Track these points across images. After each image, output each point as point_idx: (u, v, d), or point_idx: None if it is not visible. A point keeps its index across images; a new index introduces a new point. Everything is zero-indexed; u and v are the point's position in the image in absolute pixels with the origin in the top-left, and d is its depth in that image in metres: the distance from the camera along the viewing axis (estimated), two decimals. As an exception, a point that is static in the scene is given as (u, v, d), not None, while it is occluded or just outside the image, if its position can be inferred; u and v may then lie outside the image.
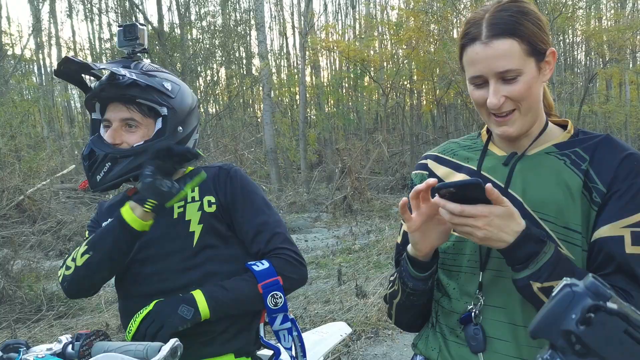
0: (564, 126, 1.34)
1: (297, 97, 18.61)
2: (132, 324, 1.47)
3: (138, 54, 1.67)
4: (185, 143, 1.64)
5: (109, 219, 1.59)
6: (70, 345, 1.30)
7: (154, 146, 1.48)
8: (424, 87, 20.89)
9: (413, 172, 1.49)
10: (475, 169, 1.33)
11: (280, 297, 1.56)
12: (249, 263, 1.59)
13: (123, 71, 1.53)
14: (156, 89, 1.58)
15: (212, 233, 1.60)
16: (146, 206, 1.43)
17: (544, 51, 1.22)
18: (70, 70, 1.53)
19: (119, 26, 1.67)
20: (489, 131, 1.39)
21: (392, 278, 1.43)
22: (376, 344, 4.35)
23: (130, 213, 1.46)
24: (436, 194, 1.13)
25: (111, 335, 4.41)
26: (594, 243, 1.19)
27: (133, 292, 1.62)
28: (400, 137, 21.40)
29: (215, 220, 1.62)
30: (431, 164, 1.44)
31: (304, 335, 2.42)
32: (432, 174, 1.41)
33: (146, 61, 1.68)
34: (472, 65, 1.22)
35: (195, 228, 1.60)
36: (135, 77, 1.53)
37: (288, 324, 1.62)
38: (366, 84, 21.75)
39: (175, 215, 1.62)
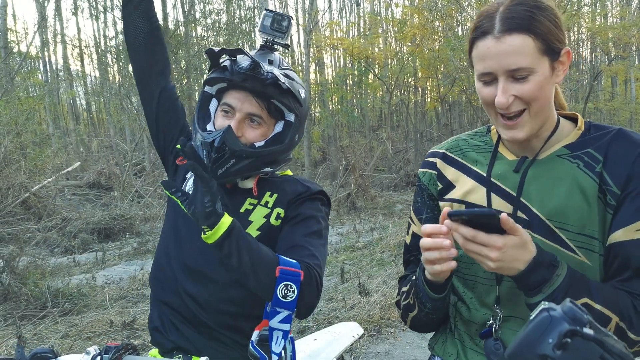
0: (574, 119, 1.28)
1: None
2: None
3: (275, 47, 1.60)
4: (292, 149, 1.61)
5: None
6: (98, 357, 1.29)
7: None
8: (428, 84, 20.84)
9: (420, 170, 1.43)
10: (485, 174, 1.28)
11: (294, 292, 1.39)
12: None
13: (268, 67, 1.48)
14: (293, 94, 1.53)
15: (264, 244, 1.49)
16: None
17: (559, 50, 1.15)
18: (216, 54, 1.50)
19: (268, 10, 1.58)
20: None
21: (404, 289, 1.39)
22: (379, 342, 4.37)
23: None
24: (449, 218, 1.09)
25: (115, 332, 4.43)
26: (610, 248, 1.15)
27: (172, 254, 1.58)
28: (404, 135, 21.39)
29: (273, 235, 1.56)
30: (440, 164, 1.37)
31: (316, 333, 2.43)
32: (440, 175, 1.36)
33: (278, 55, 1.61)
34: (482, 61, 1.16)
35: (252, 232, 1.54)
36: (278, 77, 1.47)
37: (287, 326, 1.43)
38: (370, 81, 21.71)
39: (243, 210, 1.57)
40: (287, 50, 1.63)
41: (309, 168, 16.43)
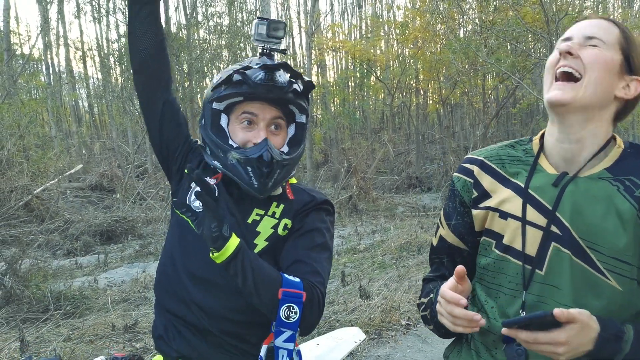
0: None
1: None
2: None
3: (272, 53, 1.62)
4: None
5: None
6: None
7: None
8: (429, 86, 20.87)
9: (455, 175, 1.41)
10: (523, 186, 1.26)
11: (296, 313, 1.42)
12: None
13: (285, 75, 1.50)
14: (307, 96, 1.57)
15: (271, 254, 1.54)
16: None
17: (634, 71, 1.21)
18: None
19: (261, 19, 1.58)
20: (541, 140, 1.32)
21: (423, 300, 1.41)
22: (379, 345, 4.37)
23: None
24: (504, 328, 1.10)
25: (117, 336, 4.44)
26: None
27: (178, 261, 1.58)
28: (406, 137, 21.42)
29: (281, 245, 1.56)
30: (477, 171, 1.35)
31: (319, 338, 2.44)
32: (477, 183, 1.34)
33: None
34: (568, 31, 1.26)
35: (260, 242, 1.55)
36: (293, 81, 1.50)
37: (292, 345, 1.45)
38: (372, 83, 21.75)
39: (250, 220, 1.56)
40: (284, 55, 1.63)
41: (310, 170, 16.44)
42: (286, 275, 1.45)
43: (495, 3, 13.71)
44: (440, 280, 1.44)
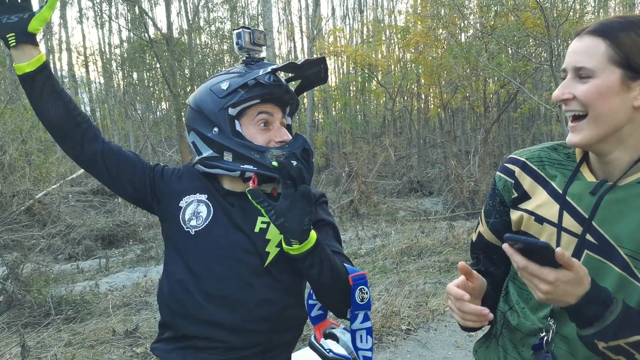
0: None
1: (305, 100, 18.69)
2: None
3: (258, 60, 1.65)
4: None
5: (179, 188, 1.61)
6: None
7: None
8: (431, 91, 20.90)
9: (497, 174, 1.40)
10: (560, 191, 1.25)
11: (367, 293, 1.51)
12: None
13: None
14: (297, 99, 1.65)
15: (285, 260, 1.53)
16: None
17: (638, 71, 1.11)
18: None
19: (245, 27, 1.62)
20: None
21: None
22: (379, 350, 4.38)
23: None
24: (506, 243, 1.09)
25: (118, 340, 4.44)
26: None
27: (190, 284, 1.53)
28: (407, 141, 21.44)
29: None
30: (518, 172, 1.34)
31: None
32: (517, 184, 1.33)
33: None
34: (566, 57, 1.19)
35: (272, 249, 1.54)
36: (285, 83, 1.58)
37: (369, 324, 1.54)
38: (373, 87, 21.79)
39: (257, 229, 1.55)
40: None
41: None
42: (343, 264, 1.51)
43: (495, 8, 13.75)
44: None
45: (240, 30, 1.60)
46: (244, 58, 1.64)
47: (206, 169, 1.58)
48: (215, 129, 1.54)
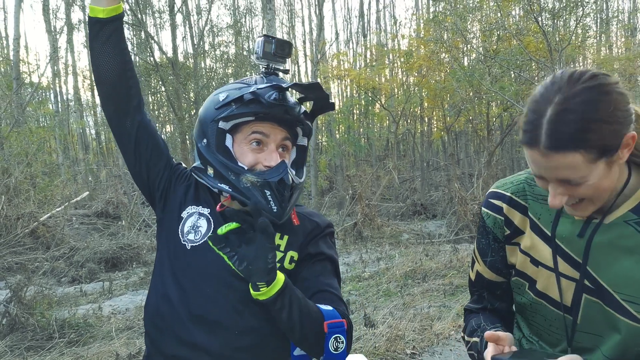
0: None
1: (309, 124, 18.75)
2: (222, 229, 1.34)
3: (277, 72, 1.55)
4: None
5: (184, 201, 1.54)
6: None
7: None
8: (434, 114, 20.98)
9: (484, 211, 1.37)
10: (549, 233, 1.24)
11: (343, 343, 1.38)
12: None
13: (292, 95, 1.47)
14: (312, 117, 1.54)
15: None
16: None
17: (618, 145, 1.04)
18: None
19: (268, 36, 1.51)
20: None
21: (468, 338, 1.41)
22: (384, 375, 4.34)
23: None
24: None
25: (121, 364, 4.38)
26: None
27: (175, 301, 1.46)
28: (411, 164, 21.45)
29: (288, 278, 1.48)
30: (506, 209, 1.32)
31: None
32: (508, 222, 1.32)
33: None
34: (533, 164, 1.10)
35: None
36: (299, 102, 1.48)
37: None
38: (377, 111, 21.89)
39: None
40: (286, 74, 1.59)
41: (315, 197, 16.46)
42: (321, 307, 1.41)
43: (498, 33, 13.87)
44: (482, 312, 1.45)
45: (262, 38, 1.51)
46: (263, 69, 1.54)
47: (197, 178, 1.53)
48: (204, 141, 1.47)
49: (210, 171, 1.45)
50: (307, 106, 1.57)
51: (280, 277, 1.32)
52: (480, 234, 1.41)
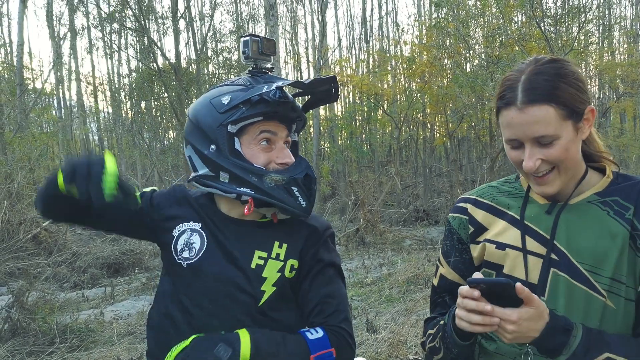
0: (602, 170, 1.33)
1: (311, 129, 18.80)
2: (168, 357, 1.36)
3: (265, 71, 1.55)
4: None
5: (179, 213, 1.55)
6: None
7: None
8: (436, 120, 20.99)
9: (451, 215, 1.46)
10: (518, 217, 1.32)
11: None
12: (302, 330, 1.45)
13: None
14: (304, 114, 1.56)
15: (281, 299, 1.47)
16: None
17: (582, 111, 1.19)
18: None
19: (252, 35, 1.51)
20: None
21: (431, 331, 1.41)
22: (386, 380, 4.32)
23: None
24: (467, 286, 1.13)
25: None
26: None
27: (178, 318, 1.47)
28: (413, 170, 21.44)
29: (289, 287, 1.49)
30: (471, 208, 1.41)
31: None
32: (472, 219, 1.40)
33: None
34: (508, 128, 1.21)
35: (268, 289, 1.45)
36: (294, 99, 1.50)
37: None
38: (379, 117, 21.90)
39: (253, 265, 1.45)
40: (271, 72, 1.57)
41: (318, 203, 16.46)
42: (308, 335, 1.41)
43: (501, 39, 13.89)
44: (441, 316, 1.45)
45: (248, 38, 1.51)
46: (250, 68, 1.55)
47: (201, 187, 1.49)
48: (213, 147, 1.43)
49: (224, 177, 1.43)
50: (299, 100, 1.61)
51: (245, 349, 1.33)
52: (446, 237, 1.47)
